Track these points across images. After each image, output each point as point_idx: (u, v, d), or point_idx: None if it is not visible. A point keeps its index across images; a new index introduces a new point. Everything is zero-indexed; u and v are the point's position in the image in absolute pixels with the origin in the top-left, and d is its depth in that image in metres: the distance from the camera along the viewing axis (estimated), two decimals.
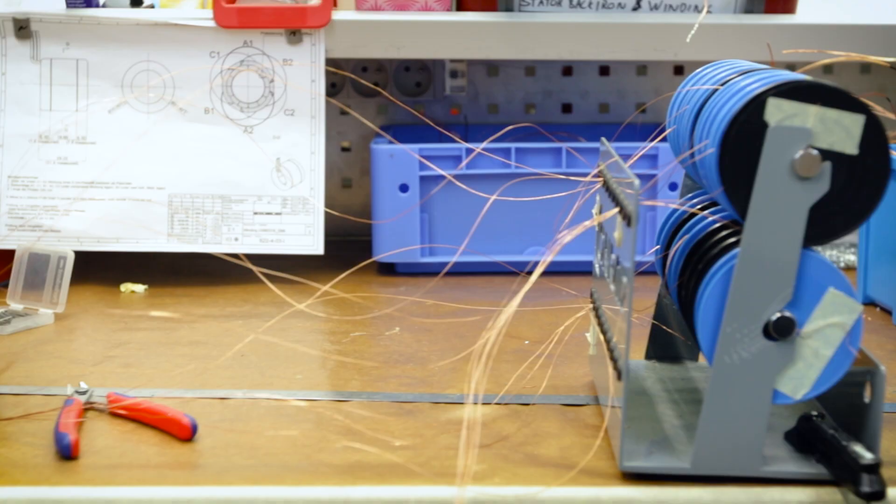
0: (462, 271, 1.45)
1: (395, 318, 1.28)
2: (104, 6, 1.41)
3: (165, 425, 0.93)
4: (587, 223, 0.91)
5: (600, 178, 0.97)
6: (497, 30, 1.41)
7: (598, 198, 1.00)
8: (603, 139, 0.99)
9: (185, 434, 0.91)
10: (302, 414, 0.97)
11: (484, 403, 0.99)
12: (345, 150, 1.67)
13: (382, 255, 1.43)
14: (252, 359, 1.12)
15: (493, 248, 1.43)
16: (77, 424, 0.92)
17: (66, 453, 0.88)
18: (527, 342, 1.17)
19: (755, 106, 0.79)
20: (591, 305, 1.02)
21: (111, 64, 1.39)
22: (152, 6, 1.43)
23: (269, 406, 1.00)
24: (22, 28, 1.38)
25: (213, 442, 0.91)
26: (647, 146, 0.99)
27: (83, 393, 0.99)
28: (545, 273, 1.34)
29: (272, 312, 1.30)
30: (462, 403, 0.99)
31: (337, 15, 1.40)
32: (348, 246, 1.53)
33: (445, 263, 1.44)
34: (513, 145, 1.42)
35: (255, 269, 0.97)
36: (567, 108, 1.66)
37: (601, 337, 0.93)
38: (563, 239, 0.88)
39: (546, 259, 0.87)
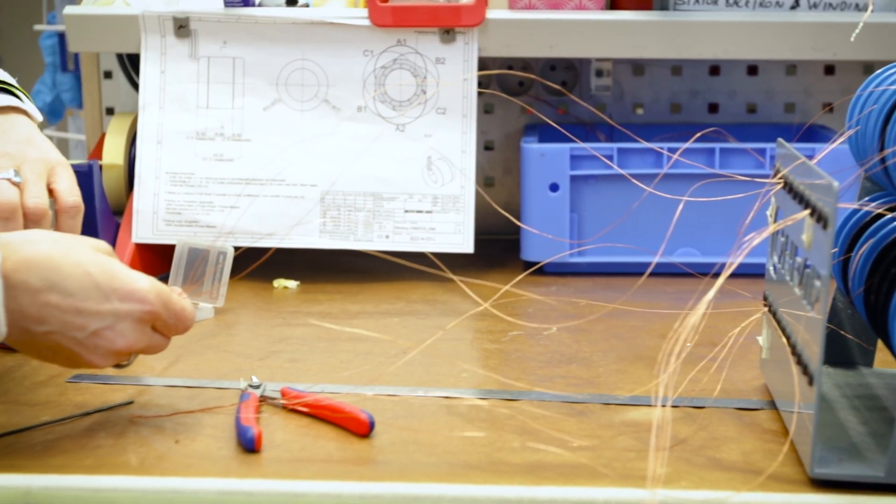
0: (610, 272, 1.44)
1: (549, 317, 1.27)
2: (260, 5, 1.42)
3: (343, 421, 0.93)
4: (776, 225, 0.90)
5: (780, 180, 0.95)
6: (652, 29, 1.39)
7: (773, 200, 0.98)
8: (780, 140, 0.98)
9: (363, 430, 0.92)
10: (474, 412, 0.97)
11: (653, 406, 0.98)
12: (488, 148, 1.67)
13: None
14: (415, 356, 1.12)
15: (640, 249, 1.42)
16: (256, 418, 0.94)
17: (250, 446, 0.89)
18: (689, 344, 1.16)
19: None
20: (765, 309, 1.01)
21: (266, 62, 1.41)
22: (307, 5, 1.44)
23: (440, 403, 1.00)
24: (181, 27, 1.41)
25: (391, 438, 0.92)
26: (829, 147, 0.97)
27: (256, 387, 1.01)
28: (699, 275, 1.33)
29: (426, 310, 1.31)
30: (635, 405, 0.99)
31: (490, 14, 1.39)
32: (492, 244, 1.53)
33: (594, 263, 1.44)
34: (665, 145, 1.40)
35: (447, 272, 0.97)
36: (713, 108, 1.64)
37: (783, 340, 0.92)
38: (751, 241, 0.86)
39: (734, 262, 0.86)
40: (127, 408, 0.99)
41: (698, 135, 1.25)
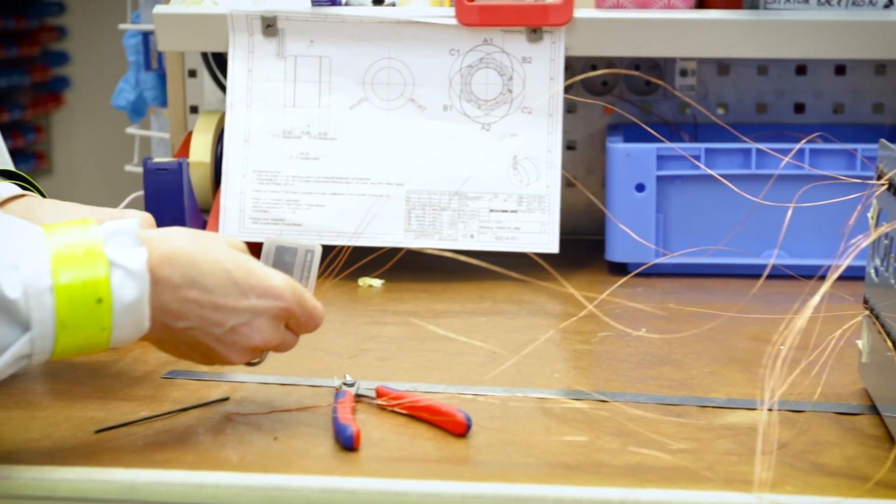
0: (695, 273, 1.43)
1: (637, 319, 1.26)
2: (347, 4, 1.43)
3: (440, 421, 0.93)
4: (884, 228, 0.88)
5: (885, 182, 0.94)
6: (741, 28, 1.38)
7: (874, 202, 0.97)
8: (884, 141, 0.96)
9: (460, 430, 0.92)
10: (570, 413, 0.97)
11: (751, 409, 0.97)
12: (570, 148, 1.66)
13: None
14: (505, 356, 1.12)
15: (726, 250, 1.40)
16: (353, 417, 0.94)
17: (349, 445, 0.89)
18: (782, 347, 1.15)
19: None
20: (866, 312, 0.99)
21: (353, 61, 1.42)
22: (394, 4, 1.45)
23: (534, 404, 1.00)
24: (269, 26, 1.42)
25: (488, 439, 0.92)
26: None
27: (350, 385, 1.01)
28: (785, 277, 1.31)
29: (513, 310, 1.30)
30: (733, 409, 0.98)
31: (578, 13, 1.39)
32: (575, 244, 1.52)
33: (679, 264, 1.43)
34: (753, 146, 1.39)
35: (562, 282, 0.96)
36: (800, 108, 1.62)
37: (887, 344, 0.90)
38: (858, 245, 0.85)
39: (842, 265, 0.85)
40: (223, 404, 1.00)
41: (811, 136, 1.23)
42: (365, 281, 1.41)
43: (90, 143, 4.94)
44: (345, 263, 1.43)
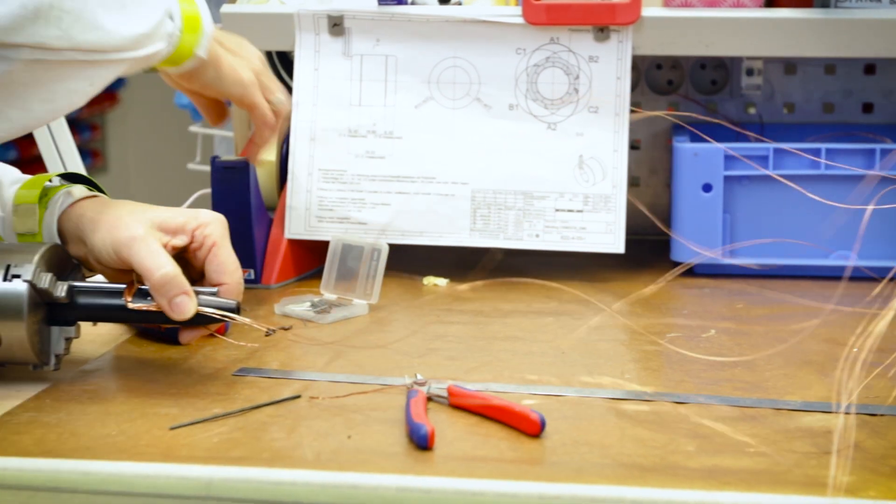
0: (762, 274, 1.41)
1: (706, 319, 1.25)
2: (413, 3, 1.43)
3: (513, 421, 0.93)
4: None
5: None
6: (811, 27, 1.36)
7: None
8: None
9: (534, 430, 0.92)
10: (642, 414, 0.96)
11: (827, 412, 0.96)
12: (634, 147, 1.65)
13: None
14: (574, 356, 1.12)
15: (795, 251, 1.39)
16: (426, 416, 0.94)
17: (423, 444, 0.89)
18: (856, 349, 1.13)
19: None
20: None
21: (419, 60, 1.42)
22: (460, 3, 1.45)
23: (607, 404, 0.99)
24: (336, 25, 1.42)
25: (562, 439, 0.91)
26: None
27: (422, 384, 1.01)
28: (854, 279, 1.30)
29: (580, 310, 1.29)
30: (808, 411, 0.97)
31: (645, 11, 1.38)
32: (639, 244, 1.51)
33: (744, 265, 1.41)
34: (823, 146, 1.37)
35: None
36: (868, 108, 1.60)
37: None
38: None
39: None
40: (295, 402, 1.00)
41: None
42: (430, 280, 1.41)
43: (145, 141, 4.98)
44: (409, 262, 1.44)
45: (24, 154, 3.96)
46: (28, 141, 4.18)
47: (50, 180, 1.12)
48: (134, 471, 0.86)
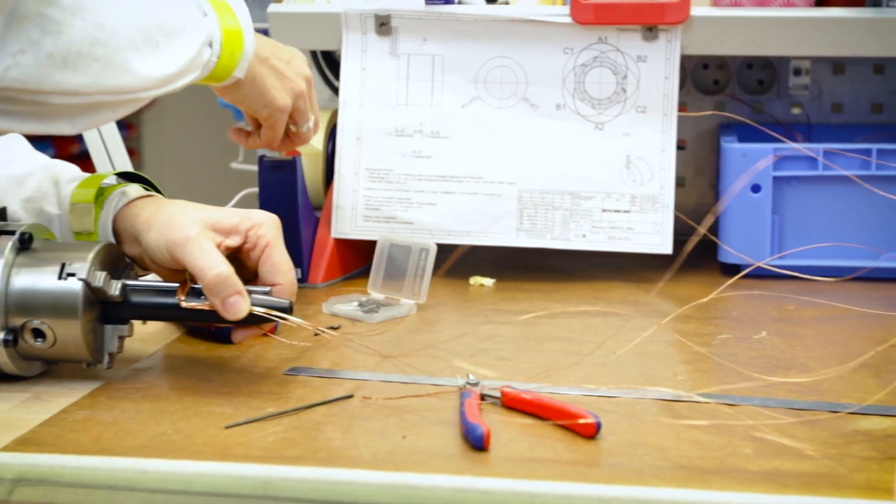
0: (811, 275, 1.40)
1: (757, 321, 1.25)
2: (460, 3, 1.43)
3: (568, 422, 0.92)
4: None
5: None
6: (863, 27, 1.35)
7: None
8: None
9: (590, 432, 0.91)
10: (698, 416, 0.96)
11: (886, 416, 0.95)
12: (679, 147, 1.64)
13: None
14: (625, 357, 1.11)
15: (845, 252, 1.38)
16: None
17: (479, 444, 0.89)
18: None
19: None
20: None
21: (466, 59, 1.41)
22: (507, 2, 1.44)
23: (661, 406, 0.99)
24: (383, 25, 1.42)
25: (618, 441, 0.91)
26: None
27: (475, 385, 1.01)
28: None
29: (628, 311, 1.29)
30: (866, 415, 0.96)
31: (694, 11, 1.37)
32: (684, 245, 1.50)
33: (795, 267, 1.40)
34: (874, 146, 1.36)
35: None
36: None
37: None
38: None
39: None
40: (348, 401, 1.00)
41: None
42: (476, 280, 1.41)
43: (181, 140, 4.99)
44: (456, 262, 1.43)
45: (62, 152, 3.98)
46: (65, 140, 4.18)
47: (106, 179, 1.13)
48: (191, 469, 0.86)
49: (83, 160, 1.42)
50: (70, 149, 3.95)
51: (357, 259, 1.45)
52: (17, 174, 1.13)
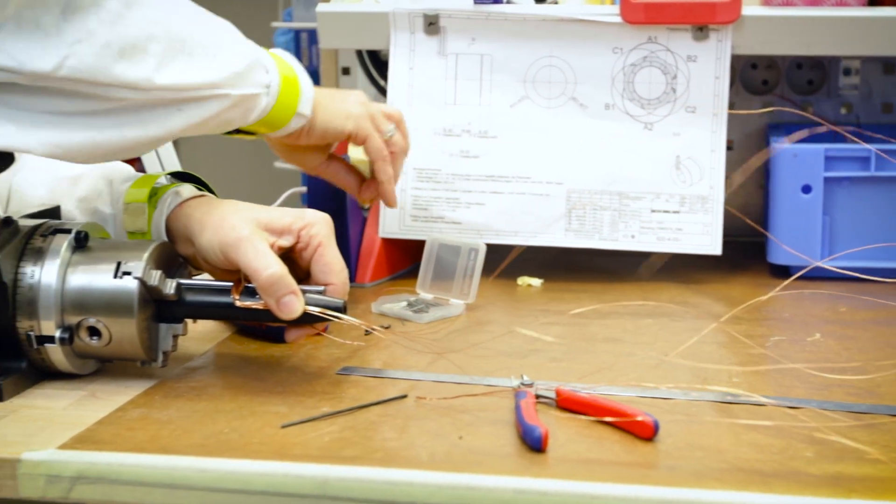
0: (863, 277, 1.39)
1: (809, 323, 1.24)
2: (509, 2, 1.42)
3: (626, 423, 0.92)
4: None
5: None
6: None
7: None
8: None
9: (647, 433, 0.90)
10: (755, 418, 0.95)
11: None
12: (727, 148, 1.63)
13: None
14: (678, 358, 1.10)
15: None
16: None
17: (537, 446, 0.88)
18: None
19: None
20: None
21: (514, 59, 1.41)
22: (556, 2, 1.44)
23: (717, 408, 0.98)
24: (431, 24, 1.42)
25: (675, 443, 0.90)
26: None
27: (529, 385, 1.00)
28: None
29: (679, 312, 1.28)
30: None
31: (746, 10, 1.36)
32: (733, 246, 1.49)
33: (845, 268, 1.39)
34: None
35: None
36: None
37: None
38: None
39: None
40: (402, 401, 1.00)
41: None
42: (524, 280, 1.41)
43: (222, 139, 5.00)
44: (503, 261, 1.43)
45: None
46: None
47: (159, 179, 1.13)
48: (250, 469, 0.86)
49: (132, 160, 1.42)
50: None
51: (404, 259, 1.44)
52: (71, 174, 1.13)
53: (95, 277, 1.01)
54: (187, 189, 1.12)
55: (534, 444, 0.89)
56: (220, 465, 0.86)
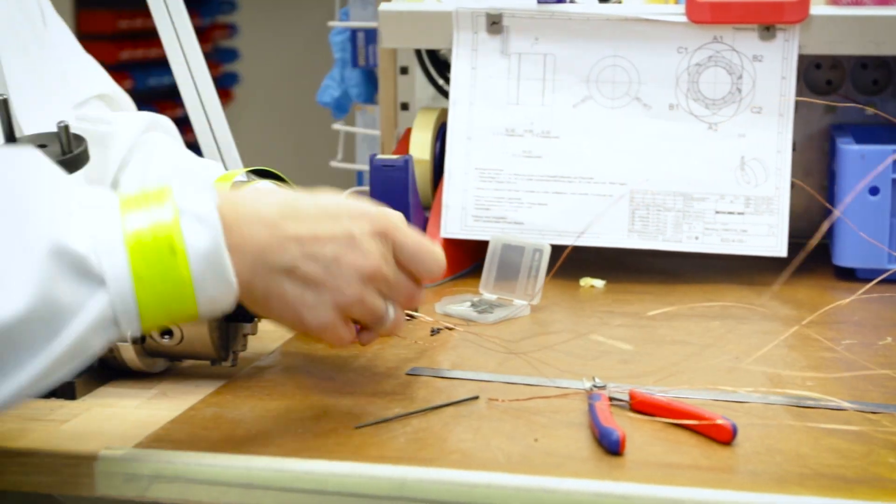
0: None
1: (879, 327, 1.22)
2: (572, 1, 1.41)
3: (703, 427, 0.91)
4: None
5: None
6: None
7: None
8: None
9: (725, 437, 0.90)
10: (833, 423, 0.93)
11: None
12: None
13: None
14: (749, 361, 1.09)
15: None
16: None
17: (615, 449, 0.87)
18: None
19: None
20: None
21: (578, 58, 1.40)
22: (619, 1, 1.43)
23: (794, 411, 0.97)
24: (494, 23, 1.41)
25: (754, 447, 0.89)
26: None
27: (601, 388, 1.00)
28: None
29: (746, 314, 1.27)
30: None
31: (813, 10, 1.35)
32: (796, 248, 1.47)
33: None
34: None
35: None
36: None
37: None
38: None
39: None
40: (474, 403, 0.99)
41: None
42: (587, 281, 1.40)
43: (278, 138, 5.01)
44: (565, 262, 1.42)
45: None
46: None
47: (238, 176, 1.13)
48: (327, 469, 0.85)
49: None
50: None
51: (464, 259, 1.44)
52: (158, 174, 1.13)
53: None
54: (265, 185, 1.11)
55: (611, 447, 0.88)
56: (297, 465, 0.86)
